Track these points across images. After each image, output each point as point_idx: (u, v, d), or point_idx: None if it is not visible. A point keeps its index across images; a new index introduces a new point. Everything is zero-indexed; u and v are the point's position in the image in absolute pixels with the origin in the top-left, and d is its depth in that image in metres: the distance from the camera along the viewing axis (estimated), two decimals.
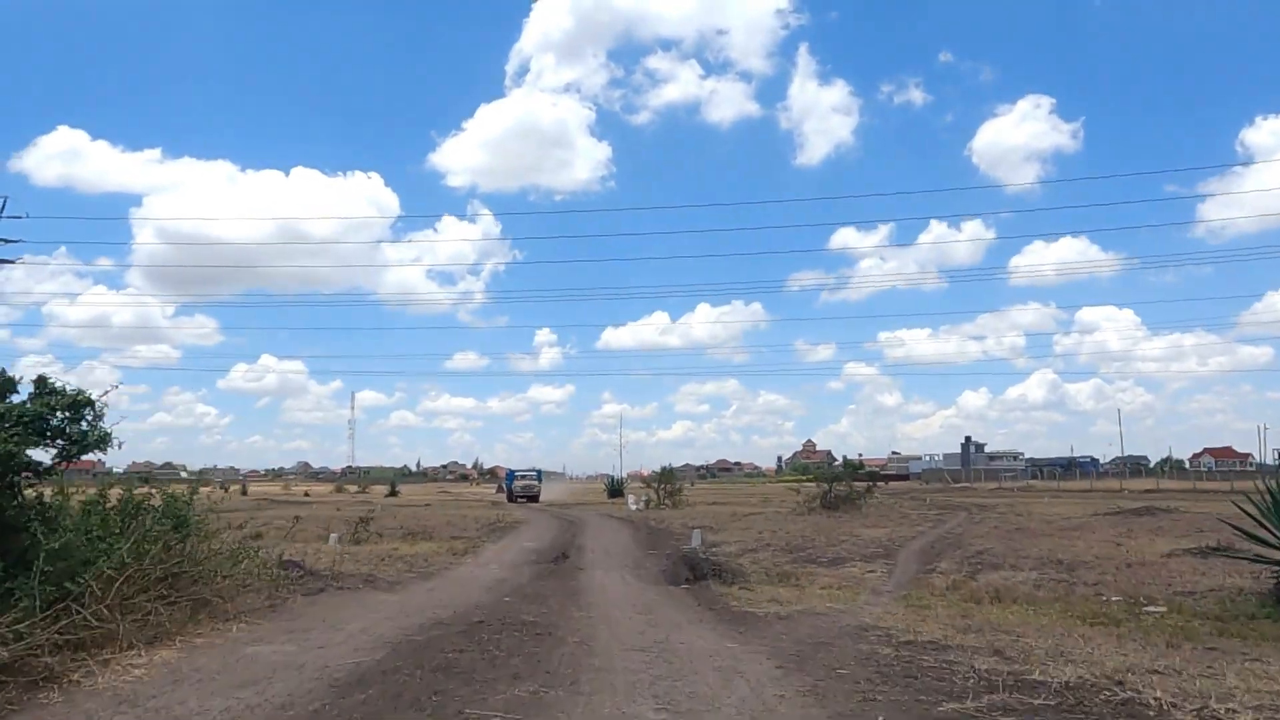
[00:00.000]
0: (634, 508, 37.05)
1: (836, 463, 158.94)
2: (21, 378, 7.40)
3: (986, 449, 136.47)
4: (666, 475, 39.94)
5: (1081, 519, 25.87)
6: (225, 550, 8.74)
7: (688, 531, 23.60)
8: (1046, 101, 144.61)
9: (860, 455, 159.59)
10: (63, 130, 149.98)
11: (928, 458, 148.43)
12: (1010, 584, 12.95)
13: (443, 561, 16.13)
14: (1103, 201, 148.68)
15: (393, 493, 73.08)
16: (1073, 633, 8.88)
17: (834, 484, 31.91)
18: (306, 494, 78.36)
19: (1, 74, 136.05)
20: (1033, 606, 11.27)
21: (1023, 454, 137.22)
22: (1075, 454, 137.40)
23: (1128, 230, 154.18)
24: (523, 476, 62.49)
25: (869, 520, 27.22)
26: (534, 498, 57.55)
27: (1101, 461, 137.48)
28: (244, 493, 79.17)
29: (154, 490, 8.64)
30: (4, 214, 42.17)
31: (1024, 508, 36.85)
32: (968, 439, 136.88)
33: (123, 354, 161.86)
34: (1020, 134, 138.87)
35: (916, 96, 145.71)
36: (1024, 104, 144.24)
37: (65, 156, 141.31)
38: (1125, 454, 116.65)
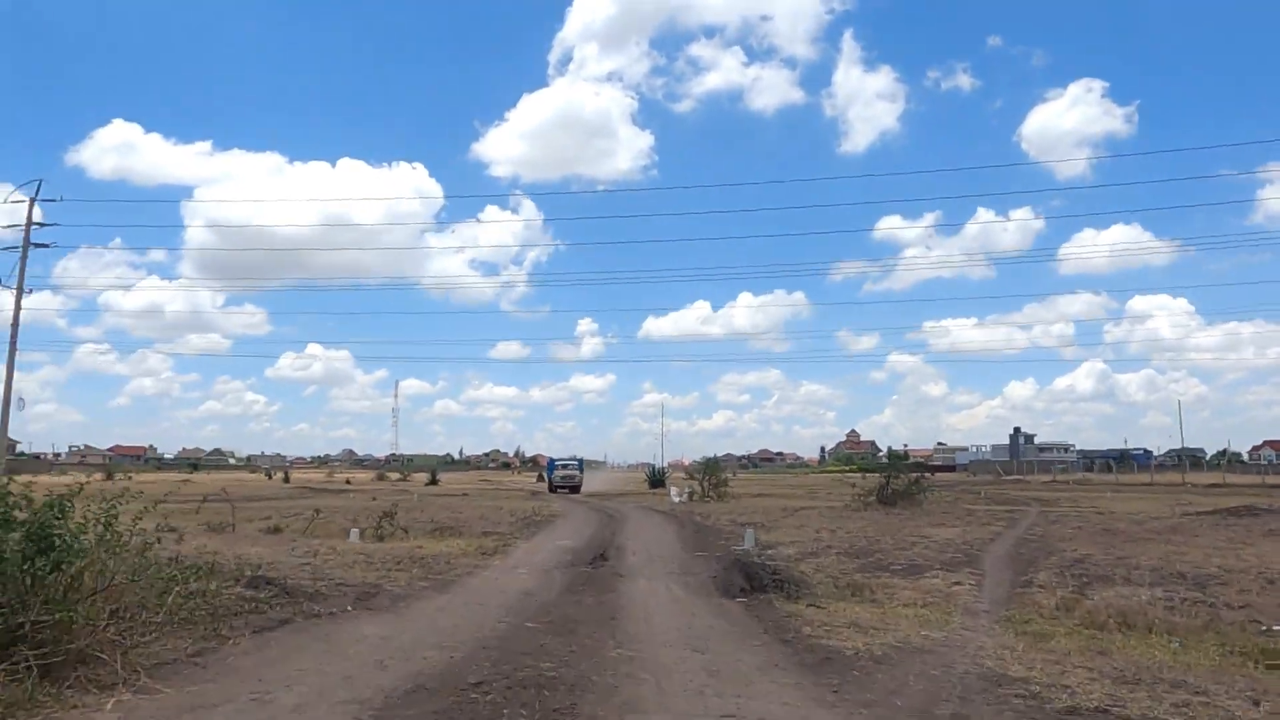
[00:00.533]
0: (677, 500, 35.03)
1: (880, 453, 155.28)
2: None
3: (1036, 440, 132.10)
4: (711, 466, 37.78)
5: (1172, 519, 23.26)
6: (146, 575, 6.44)
7: (737, 529, 21.51)
8: (1099, 85, 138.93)
9: (905, 446, 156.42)
10: (117, 123, 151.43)
11: (974, 449, 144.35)
12: (1134, 604, 10.67)
13: (466, 564, 14.23)
14: (1157, 187, 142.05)
15: (433, 481, 71.92)
16: (1267, 687, 6.66)
17: (892, 477, 29.52)
18: (348, 481, 77.65)
19: (61, 69, 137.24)
20: (1177, 638, 9.02)
21: (1073, 445, 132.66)
22: (1127, 446, 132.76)
23: (1182, 216, 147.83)
24: (563, 465, 59.94)
25: (933, 518, 24.86)
26: (575, 488, 54.94)
27: (1155, 454, 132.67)
28: (286, 480, 78.75)
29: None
30: (40, 197, 41.38)
31: (1095, 504, 34.12)
32: (1017, 430, 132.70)
33: (174, 343, 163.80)
34: (1071, 118, 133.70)
35: (964, 82, 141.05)
36: (1075, 88, 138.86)
37: (120, 149, 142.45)
38: (1183, 446, 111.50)
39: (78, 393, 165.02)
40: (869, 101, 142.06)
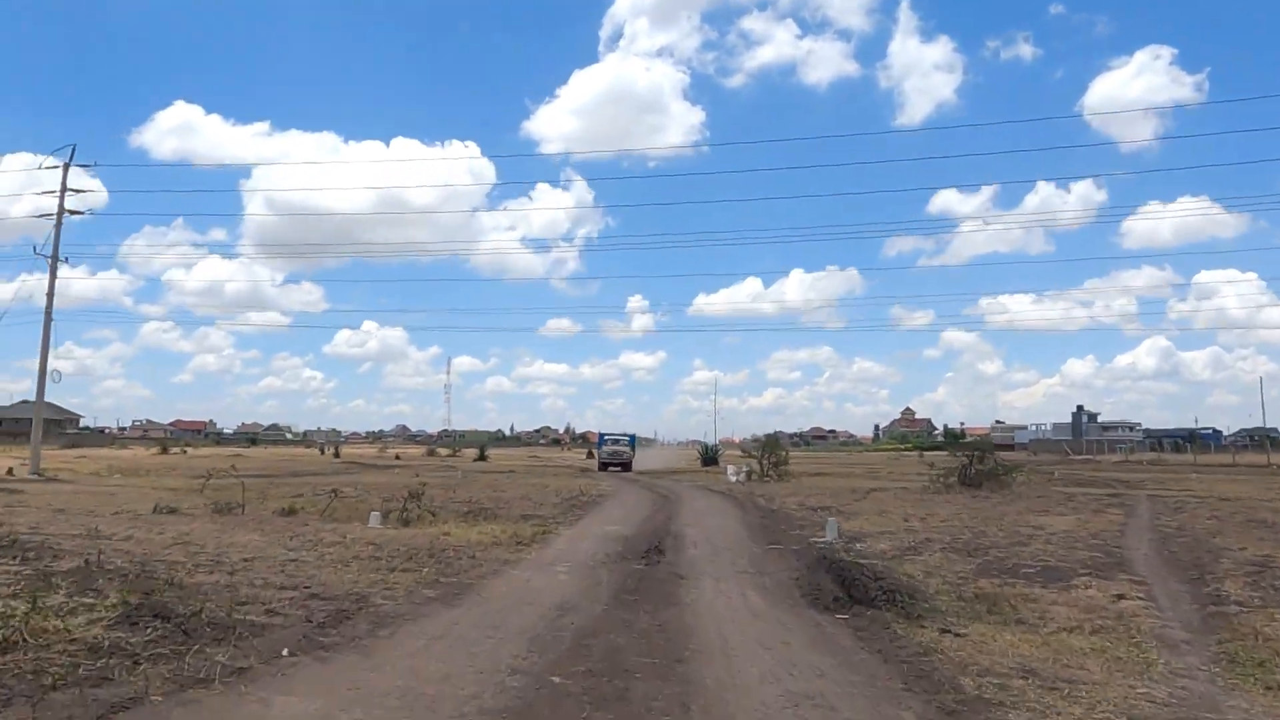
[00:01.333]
0: (733, 479, 32.21)
1: (936, 431, 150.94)
2: None
3: (1099, 419, 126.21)
4: (771, 444, 34.80)
5: None
6: None
7: (809, 514, 18.61)
8: (1167, 52, 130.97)
9: (962, 424, 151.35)
10: (179, 105, 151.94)
11: (1033, 427, 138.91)
12: None
13: (494, 560, 11.58)
14: (1226, 157, 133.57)
15: (481, 457, 70.06)
16: None
17: (975, 457, 26.26)
18: (398, 457, 76.19)
19: (124, 51, 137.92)
20: None
21: (1139, 424, 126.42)
22: (1196, 426, 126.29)
23: (1253, 187, 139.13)
24: (613, 441, 55.82)
25: (1031, 503, 21.65)
26: (625, 465, 50.90)
27: (1224, 434, 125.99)
28: (336, 455, 77.57)
29: None
30: (74, 162, 39.66)
31: (1187, 487, 30.43)
32: (1079, 408, 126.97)
33: (235, 320, 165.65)
34: (1137, 87, 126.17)
35: (1025, 52, 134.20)
36: (1142, 55, 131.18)
37: (181, 130, 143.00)
38: (1264, 426, 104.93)
39: (144, 369, 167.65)
40: (926, 73, 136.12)
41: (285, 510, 17.59)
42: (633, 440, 58.39)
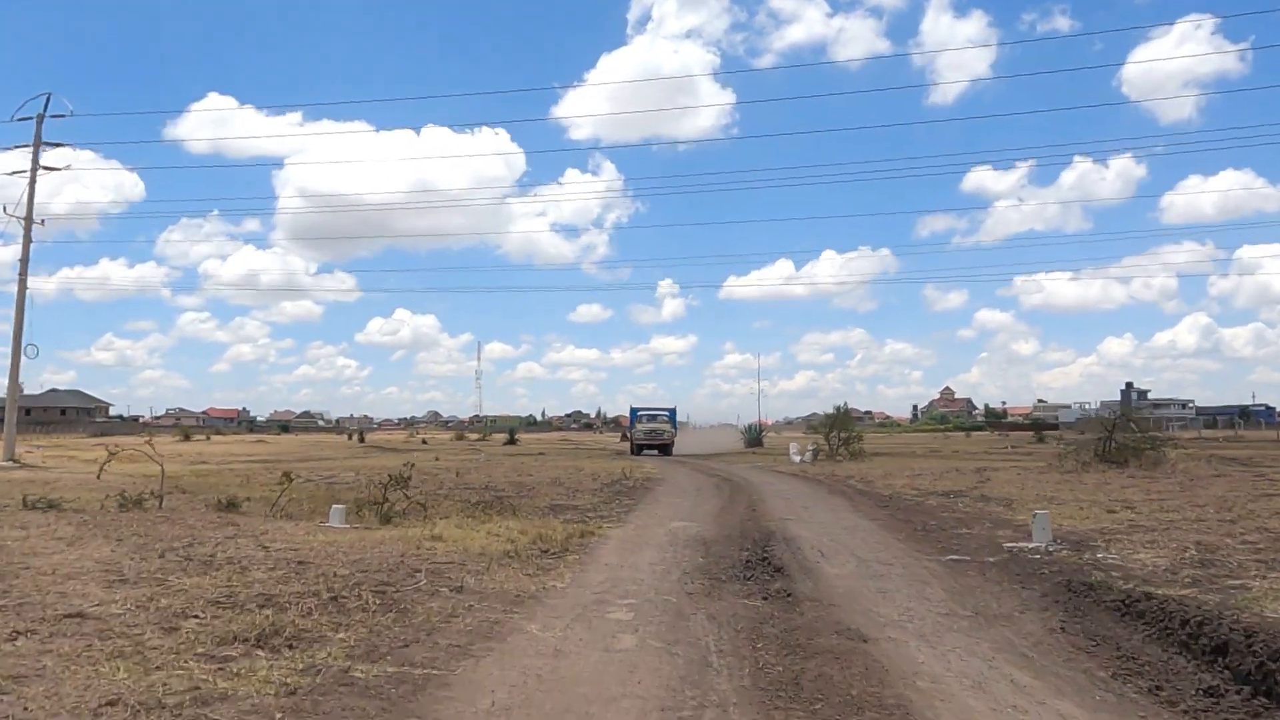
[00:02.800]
0: (798, 460, 26.86)
1: (977, 411, 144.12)
2: None
3: (1150, 396, 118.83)
4: (842, 419, 29.12)
5: None
6: None
7: (941, 501, 13.15)
8: (1209, 21, 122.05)
9: (1004, 404, 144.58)
10: (213, 96, 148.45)
11: (1076, 406, 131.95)
12: None
13: (498, 596, 6.30)
14: (1271, 129, 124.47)
15: (511, 441, 65.15)
16: None
17: (1115, 428, 20.61)
18: (424, 441, 71.69)
19: (161, 43, 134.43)
20: None
21: (1192, 401, 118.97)
22: (1247, 402, 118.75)
23: None
24: (649, 417, 43.56)
25: (1208, 485, 15.98)
26: (665, 448, 40.63)
27: (1277, 410, 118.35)
28: (361, 440, 73.19)
29: None
30: (50, 113, 34.86)
31: None
32: (1129, 385, 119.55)
33: (270, 310, 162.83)
34: (1177, 58, 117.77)
35: (1062, 24, 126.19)
36: (1183, 25, 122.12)
37: (215, 122, 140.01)
38: None
39: (182, 359, 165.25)
40: (959, 49, 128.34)
41: (225, 504, 12.43)
42: (673, 415, 45.70)
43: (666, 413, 45.43)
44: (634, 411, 47.10)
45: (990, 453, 39.33)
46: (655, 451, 40.23)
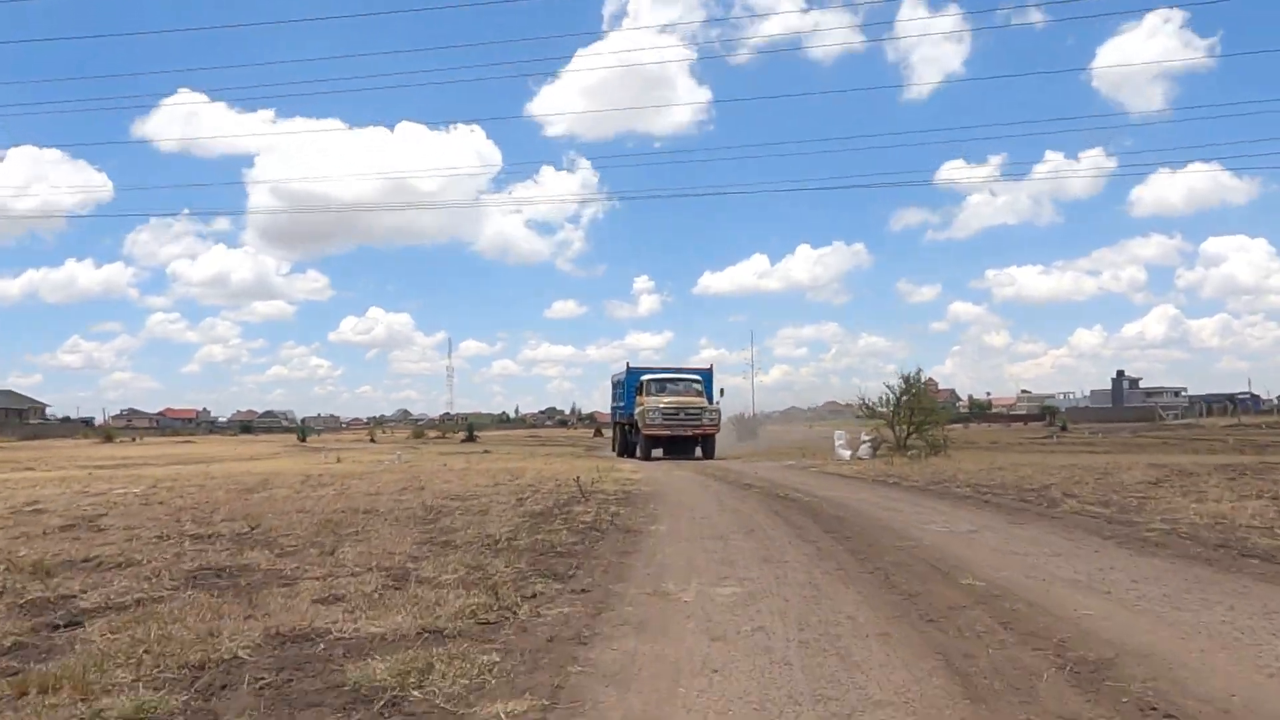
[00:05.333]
0: (848, 455, 17.39)
1: (960, 402, 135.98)
2: None
3: (1142, 384, 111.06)
4: (921, 400, 18.59)
5: None
6: None
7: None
8: (1178, 15, 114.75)
9: (989, 394, 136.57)
10: (184, 92, 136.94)
11: (1062, 395, 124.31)
12: None
13: None
14: (1239, 123, 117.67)
15: (470, 438, 55.46)
16: None
17: None
18: (372, 439, 61.78)
19: (130, 37, 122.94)
20: None
21: (1185, 389, 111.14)
22: (1236, 390, 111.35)
23: (1266, 154, 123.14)
24: (668, 386, 22.88)
25: None
26: (701, 444, 21.84)
27: (1262, 399, 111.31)
28: (302, 439, 62.93)
29: None
30: None
31: None
32: (1120, 374, 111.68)
33: (241, 310, 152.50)
34: (1147, 52, 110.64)
35: (1035, 18, 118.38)
36: (1152, 18, 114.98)
37: (186, 118, 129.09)
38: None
39: (152, 360, 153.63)
40: (934, 43, 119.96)
41: None
42: (708, 383, 24.30)
43: (698, 377, 23.79)
44: (631, 377, 24.39)
45: (1051, 442, 30.16)
46: (680, 451, 21.39)
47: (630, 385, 23.38)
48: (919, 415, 17.63)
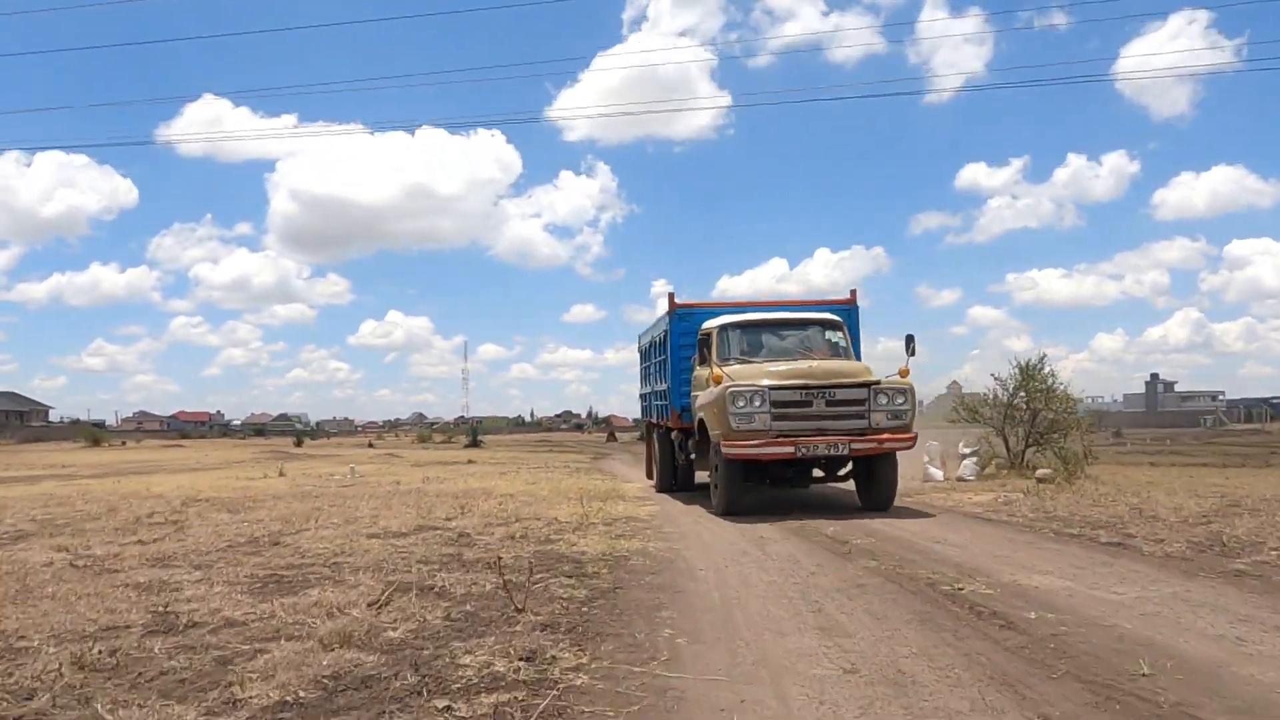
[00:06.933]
0: (938, 476, 12.06)
1: None
2: None
3: (1177, 388, 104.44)
4: (1048, 394, 12.61)
5: None
6: None
7: None
8: (1203, 15, 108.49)
9: None
10: (208, 98, 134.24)
11: (1090, 399, 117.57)
12: None
13: None
14: (1264, 126, 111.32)
15: (473, 443, 50.38)
16: None
17: None
18: (370, 444, 56.90)
19: (155, 43, 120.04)
20: None
21: (1223, 393, 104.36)
22: (1260, 395, 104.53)
23: None
24: (776, 339, 9.77)
25: None
26: (861, 465, 8.81)
27: None
28: (299, 444, 58.21)
29: None
30: None
31: None
32: (1154, 376, 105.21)
33: (262, 313, 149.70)
34: (1171, 54, 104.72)
35: (1059, 20, 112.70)
36: (1177, 19, 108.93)
37: (210, 124, 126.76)
38: None
39: (174, 364, 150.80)
40: (955, 46, 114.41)
41: None
42: (853, 325, 10.59)
43: (834, 317, 10.14)
44: (682, 326, 11.27)
45: (1127, 451, 24.60)
46: (801, 484, 9.48)
47: (682, 345, 10.99)
48: (1046, 420, 12.21)
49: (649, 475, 13.70)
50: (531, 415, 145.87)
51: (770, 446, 8.10)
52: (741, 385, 8.35)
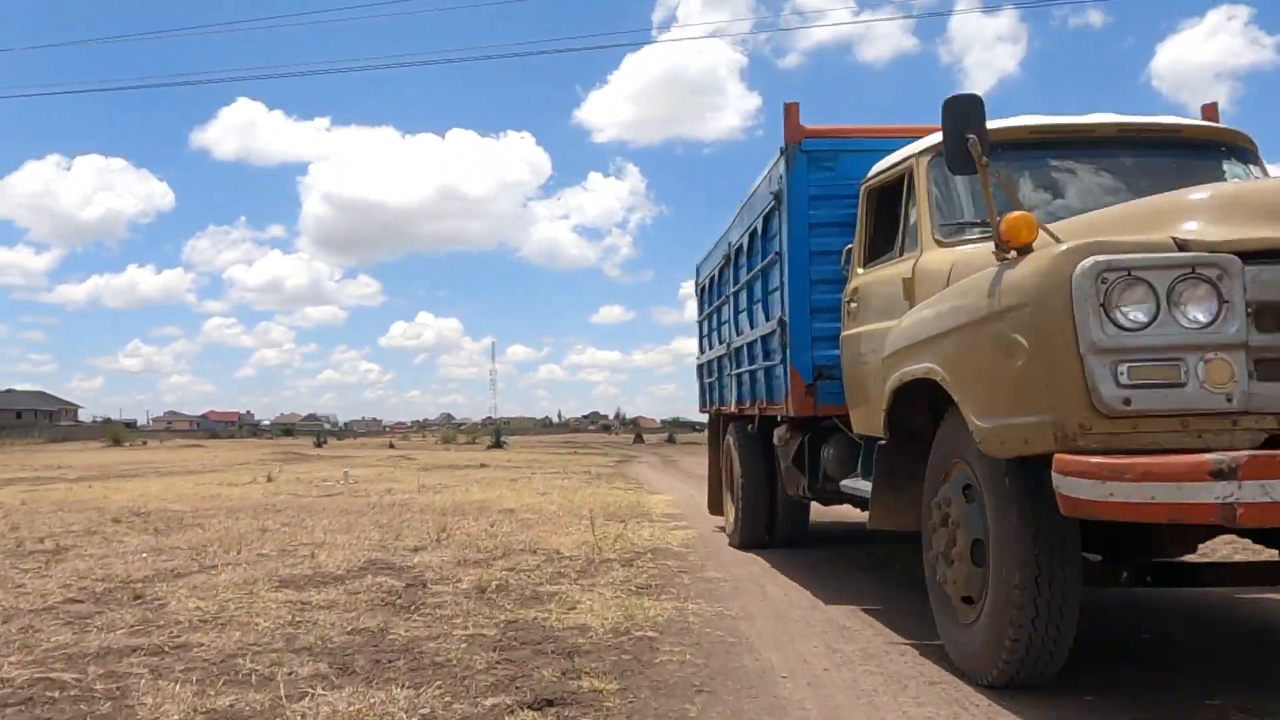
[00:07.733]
0: None
1: None
2: None
3: None
4: None
5: None
6: None
7: None
8: (1242, 11, 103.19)
9: None
10: (242, 101, 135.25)
11: None
12: None
13: None
14: None
15: (496, 444, 48.48)
16: None
17: None
18: (391, 445, 55.31)
19: (192, 47, 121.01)
20: None
21: None
22: None
23: None
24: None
25: None
26: None
27: None
28: (319, 444, 56.82)
29: None
30: None
31: None
32: None
33: (294, 315, 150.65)
34: (1209, 50, 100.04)
35: (1094, 19, 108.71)
36: (1215, 15, 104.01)
37: (244, 128, 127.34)
38: None
39: (208, 364, 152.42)
40: (988, 45, 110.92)
41: None
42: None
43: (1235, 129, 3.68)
44: (822, 163, 4.59)
45: None
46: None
47: (821, 225, 4.68)
48: None
49: (713, 508, 7.60)
50: (559, 416, 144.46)
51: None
52: (1130, 257, 2.23)
